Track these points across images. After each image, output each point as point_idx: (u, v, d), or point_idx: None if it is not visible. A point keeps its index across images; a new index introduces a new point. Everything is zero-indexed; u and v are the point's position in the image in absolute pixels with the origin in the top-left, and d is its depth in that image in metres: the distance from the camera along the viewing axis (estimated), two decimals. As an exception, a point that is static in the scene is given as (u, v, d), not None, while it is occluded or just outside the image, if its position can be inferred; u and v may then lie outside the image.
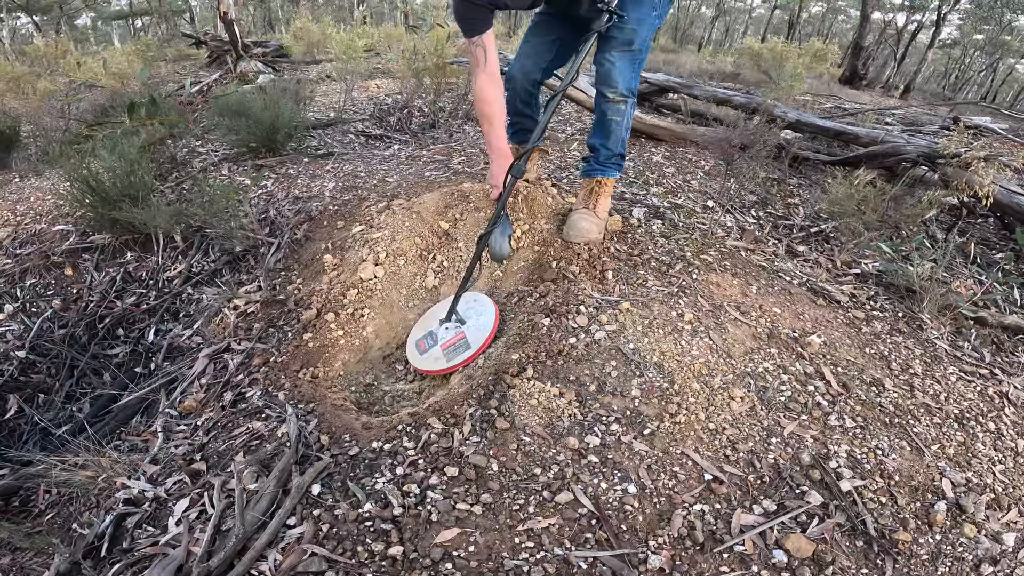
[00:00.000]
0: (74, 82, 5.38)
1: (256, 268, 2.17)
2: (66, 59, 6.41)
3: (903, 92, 13.57)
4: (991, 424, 1.64)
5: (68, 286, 2.45)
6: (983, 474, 1.46)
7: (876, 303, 2.12)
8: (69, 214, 2.65)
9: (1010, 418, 1.68)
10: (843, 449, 1.44)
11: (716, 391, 1.54)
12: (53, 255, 2.50)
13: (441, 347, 1.72)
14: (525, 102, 2.10)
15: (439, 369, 1.69)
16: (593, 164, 2.03)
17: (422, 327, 1.82)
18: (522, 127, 2.18)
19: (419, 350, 1.76)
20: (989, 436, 1.59)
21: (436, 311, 1.86)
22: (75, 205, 2.51)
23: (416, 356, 1.75)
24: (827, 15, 31.46)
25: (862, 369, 1.73)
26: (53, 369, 2.21)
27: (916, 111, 6.65)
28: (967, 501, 1.36)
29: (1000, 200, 2.69)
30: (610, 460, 1.35)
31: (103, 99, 4.10)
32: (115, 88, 4.66)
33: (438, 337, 1.76)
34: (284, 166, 2.95)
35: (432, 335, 1.77)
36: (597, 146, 2.00)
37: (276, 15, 21.17)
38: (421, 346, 1.76)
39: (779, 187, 2.94)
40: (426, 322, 1.83)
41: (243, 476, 1.30)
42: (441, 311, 1.82)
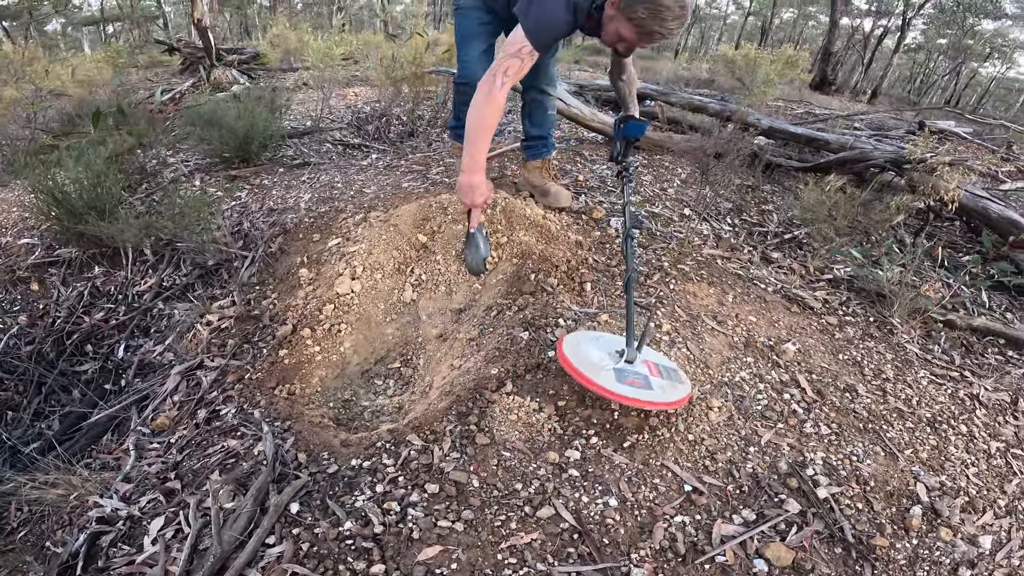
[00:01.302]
0: (41, 90, 5.24)
1: (229, 282, 2.13)
2: (33, 66, 6.24)
3: (871, 97, 13.95)
4: (963, 427, 1.67)
5: (34, 301, 2.38)
6: (957, 477, 1.48)
7: (848, 308, 2.16)
8: (35, 227, 2.57)
9: (981, 420, 1.72)
10: (819, 456, 1.46)
11: (694, 402, 1.55)
12: (19, 269, 2.43)
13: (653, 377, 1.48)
14: None
15: (671, 401, 1.45)
16: (541, 148, 2.39)
17: (600, 363, 1.50)
18: None
19: (631, 385, 1.44)
20: (961, 439, 1.63)
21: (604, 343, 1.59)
22: (41, 218, 2.44)
23: (636, 391, 1.43)
24: (798, 21, 32.22)
25: (836, 375, 1.76)
26: (20, 386, 2.15)
27: (883, 116, 6.83)
28: (942, 505, 1.39)
29: (965, 204, 2.77)
30: (591, 474, 1.34)
31: (70, 107, 4.00)
32: (83, 96, 4.55)
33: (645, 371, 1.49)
34: (259, 176, 2.90)
35: (636, 373, 1.48)
36: (545, 134, 2.37)
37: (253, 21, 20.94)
38: (633, 383, 1.44)
39: (753, 194, 2.99)
40: (597, 357, 1.52)
41: (219, 495, 1.28)
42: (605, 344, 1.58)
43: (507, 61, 1.63)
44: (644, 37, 1.59)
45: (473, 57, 2.06)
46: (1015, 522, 1.40)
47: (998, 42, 24.35)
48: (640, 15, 1.54)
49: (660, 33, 1.57)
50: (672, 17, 1.54)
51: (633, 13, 1.54)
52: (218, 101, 3.43)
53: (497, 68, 1.62)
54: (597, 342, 1.57)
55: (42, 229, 2.52)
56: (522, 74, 1.67)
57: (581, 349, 1.52)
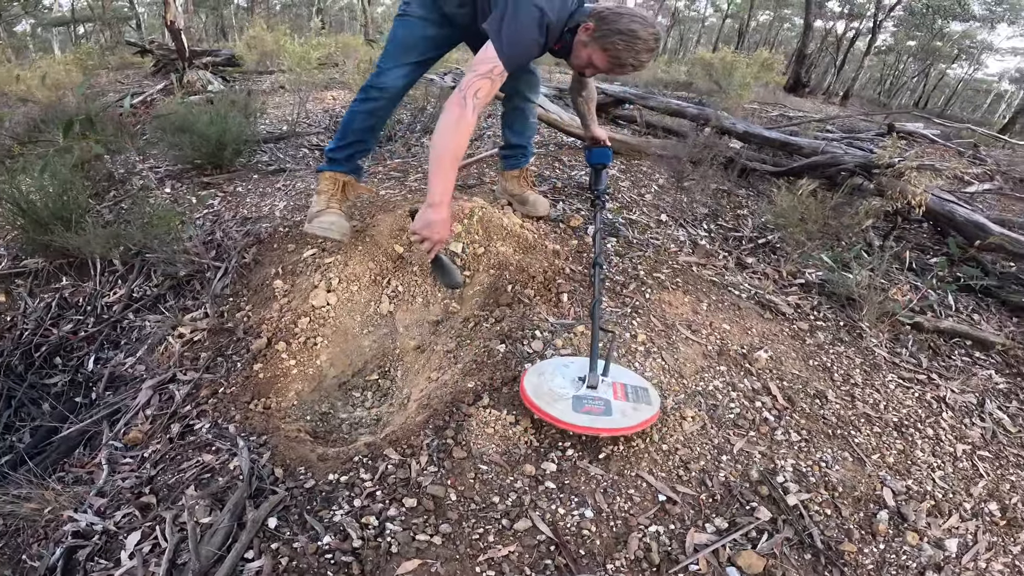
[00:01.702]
0: (7, 95, 5.10)
1: (202, 293, 2.10)
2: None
3: (843, 98, 14.27)
4: (929, 430, 1.70)
5: (1, 313, 2.32)
6: (923, 481, 1.51)
7: (819, 313, 2.20)
8: (0, 237, 2.50)
9: (948, 423, 1.75)
10: (789, 463, 1.49)
11: (668, 412, 1.57)
12: (-17, 281, 2.36)
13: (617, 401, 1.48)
14: (385, 121, 2.06)
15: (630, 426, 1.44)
16: (520, 158, 2.36)
17: (555, 391, 1.50)
18: (364, 150, 2.09)
19: (587, 413, 1.44)
20: (928, 442, 1.66)
21: (564, 371, 1.58)
22: (6, 228, 2.38)
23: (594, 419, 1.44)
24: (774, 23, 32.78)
25: (806, 382, 1.79)
26: (-11, 400, 2.09)
27: (855, 119, 6.98)
28: (908, 509, 1.41)
29: (932, 208, 2.84)
30: (567, 486, 1.36)
31: (37, 113, 3.89)
32: (51, 101, 4.42)
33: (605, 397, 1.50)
34: (232, 183, 2.85)
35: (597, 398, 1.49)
36: (525, 144, 2.34)
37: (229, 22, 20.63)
38: (591, 410, 1.45)
39: (729, 199, 3.03)
40: (559, 385, 1.52)
41: (195, 510, 1.28)
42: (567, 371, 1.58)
43: (478, 82, 1.54)
44: (616, 67, 1.61)
45: (401, 68, 1.90)
46: (981, 524, 1.43)
47: (965, 44, 25.05)
48: (616, 46, 1.56)
49: (632, 64, 1.59)
50: (645, 50, 1.57)
51: (609, 43, 1.56)
52: (190, 105, 3.36)
53: (467, 89, 1.52)
54: (565, 370, 1.58)
55: (8, 239, 2.46)
56: (491, 96, 1.61)
57: (545, 379, 1.53)
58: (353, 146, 2.02)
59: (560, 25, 1.64)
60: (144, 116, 3.91)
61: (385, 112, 2.00)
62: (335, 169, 2.05)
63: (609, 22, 1.57)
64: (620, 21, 1.56)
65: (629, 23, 1.56)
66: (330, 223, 1.95)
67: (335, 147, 2.04)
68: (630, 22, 1.56)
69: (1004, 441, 1.73)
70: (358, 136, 2.00)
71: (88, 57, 7.12)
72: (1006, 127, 10.79)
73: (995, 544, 1.39)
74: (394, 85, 1.92)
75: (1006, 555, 1.38)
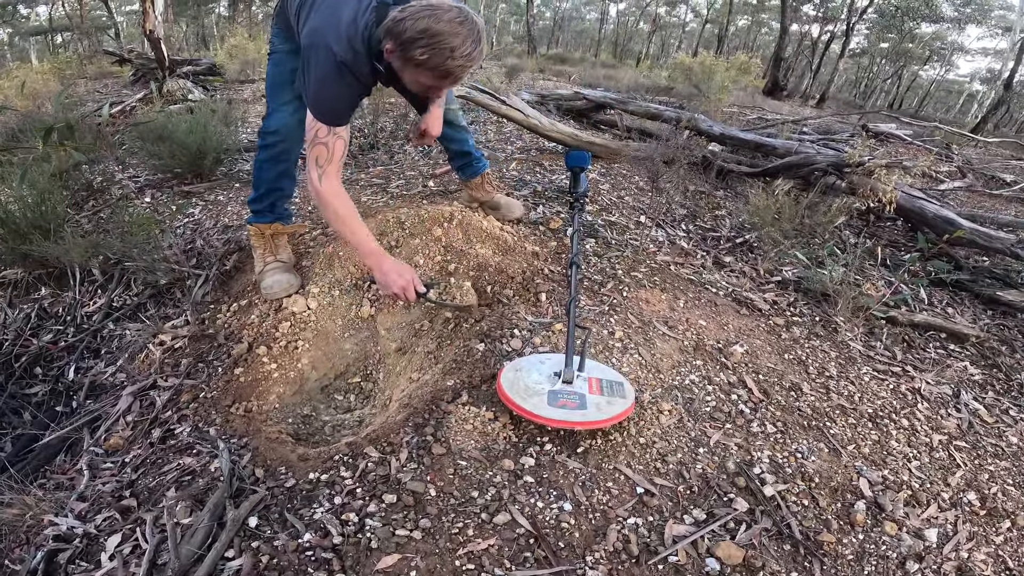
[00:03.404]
0: (-17, 103, 5.03)
1: (183, 301, 2.09)
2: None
3: (819, 101, 14.54)
4: (904, 421, 1.73)
5: (-20, 325, 2.29)
6: (899, 471, 1.53)
7: (795, 308, 2.25)
8: (-24, 247, 2.48)
9: (923, 414, 1.78)
10: (766, 455, 1.51)
11: (645, 406, 1.59)
12: (-40, 292, 2.34)
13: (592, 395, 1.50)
14: (294, 162, 1.96)
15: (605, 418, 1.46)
16: (475, 165, 2.34)
17: (531, 387, 1.52)
18: (284, 195, 2.02)
19: (562, 407, 1.47)
20: (903, 433, 1.68)
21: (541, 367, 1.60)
22: (-16, 238, 2.35)
23: (565, 412, 1.46)
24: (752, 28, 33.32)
25: (782, 375, 1.82)
26: (-32, 410, 2.07)
27: (830, 120, 7.12)
28: (885, 499, 1.43)
29: (903, 204, 2.92)
30: (545, 479, 1.37)
31: (15, 121, 3.85)
32: (28, 110, 4.39)
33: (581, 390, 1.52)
34: (213, 192, 2.85)
35: (571, 392, 1.51)
36: (469, 149, 2.30)
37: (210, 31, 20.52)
38: (566, 403, 1.47)
39: (707, 200, 3.09)
40: (535, 380, 1.54)
41: (176, 511, 1.28)
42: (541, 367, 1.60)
43: (313, 151, 1.50)
44: (443, 77, 1.36)
45: (286, 107, 1.81)
46: (961, 514, 1.45)
47: (936, 45, 25.61)
48: (420, 56, 1.32)
49: (458, 66, 1.34)
50: (459, 44, 1.31)
51: (414, 56, 1.32)
52: (169, 114, 3.36)
53: (310, 163, 1.50)
54: (541, 366, 1.61)
55: (-15, 250, 2.44)
56: (339, 151, 1.52)
57: (521, 375, 1.55)
58: (271, 195, 1.98)
59: (363, 59, 1.45)
60: (123, 125, 3.89)
61: (289, 155, 1.91)
62: (260, 221, 2.01)
63: (399, 33, 1.31)
64: (407, 25, 1.30)
65: (416, 23, 1.29)
66: (271, 284, 1.93)
67: (254, 199, 2.00)
68: (417, 20, 1.29)
69: (981, 431, 1.76)
70: (271, 184, 1.95)
71: (66, 66, 7.07)
72: (978, 126, 11.06)
73: (976, 534, 1.41)
74: (285, 125, 1.83)
75: (988, 545, 1.40)
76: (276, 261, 2.00)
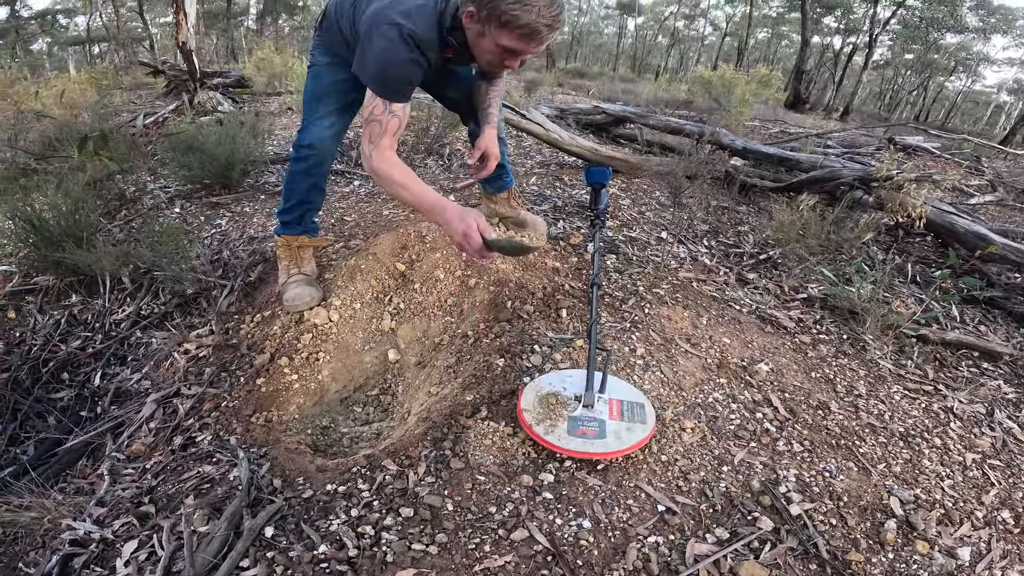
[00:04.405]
0: (23, 112, 5.20)
1: (208, 311, 2.13)
2: (14, 87, 6.21)
3: (842, 114, 14.35)
4: (937, 440, 1.69)
5: (11, 329, 2.35)
6: (931, 490, 1.49)
7: (822, 326, 2.20)
8: (12, 254, 2.55)
9: (956, 432, 1.73)
10: (792, 473, 1.47)
11: (668, 423, 1.57)
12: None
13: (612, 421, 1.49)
14: (325, 176, 1.99)
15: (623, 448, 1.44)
16: (505, 178, 2.26)
17: (553, 412, 1.51)
18: (313, 208, 2.05)
19: (582, 436, 1.45)
20: (936, 452, 1.64)
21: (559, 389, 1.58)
22: (18, 245, 2.42)
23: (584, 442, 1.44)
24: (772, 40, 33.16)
25: (808, 393, 1.78)
26: (-5, 413, 2.12)
27: (855, 133, 7.02)
28: (917, 518, 1.39)
29: (933, 220, 2.85)
30: (564, 496, 1.36)
31: (52, 130, 3.98)
32: (66, 118, 4.52)
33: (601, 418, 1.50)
34: (240, 203, 2.90)
35: (592, 419, 1.49)
36: (502, 162, 2.12)
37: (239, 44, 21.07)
38: (586, 432, 1.46)
39: (729, 215, 3.05)
40: (554, 407, 1.52)
41: (193, 518, 1.29)
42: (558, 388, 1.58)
43: (367, 129, 1.49)
44: (529, 37, 1.36)
45: (323, 120, 1.82)
46: (995, 532, 1.41)
47: (962, 55, 25.19)
48: (512, 10, 1.31)
49: (546, 24, 1.34)
50: (545, 4, 1.32)
51: (502, 13, 1.32)
52: (200, 126, 3.44)
53: (363, 141, 1.50)
54: (562, 384, 1.59)
55: (19, 256, 2.51)
56: (394, 128, 1.49)
57: (541, 399, 1.54)
58: (301, 207, 1.99)
59: (433, 31, 1.46)
60: (155, 135, 3.99)
61: (321, 167, 1.92)
62: (288, 232, 2.03)
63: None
64: None
65: None
66: (293, 296, 1.94)
67: (283, 210, 2.01)
68: None
69: (1015, 450, 1.71)
70: (302, 197, 1.96)
71: (102, 76, 7.29)
72: (1007, 138, 10.81)
73: (1010, 552, 1.37)
74: (320, 138, 1.84)
75: (1022, 563, 1.36)
76: (300, 274, 2.01)
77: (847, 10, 19.36)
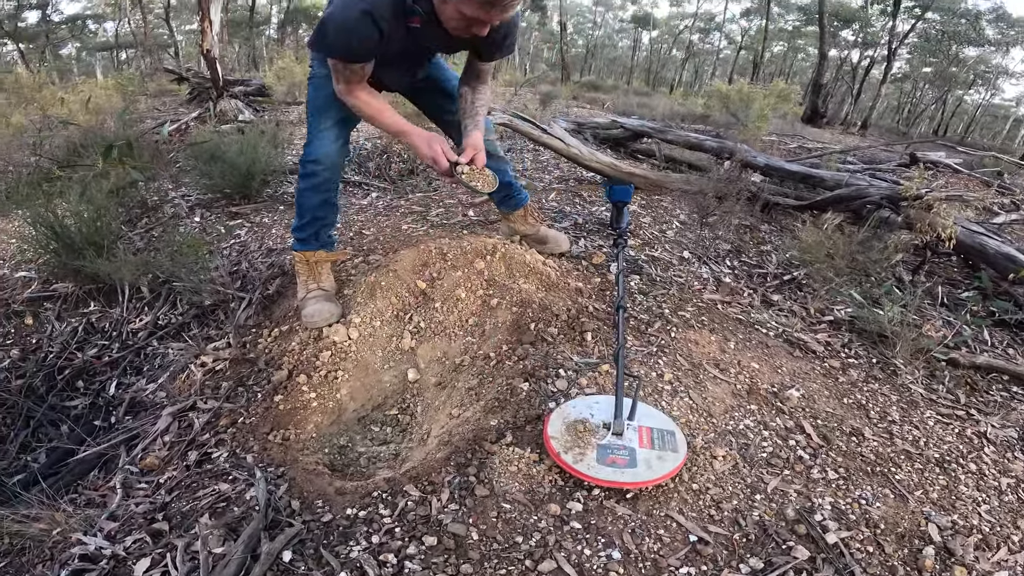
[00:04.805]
0: (48, 117, 5.27)
1: (226, 323, 2.11)
2: (41, 92, 6.30)
3: (861, 128, 14.21)
4: (972, 465, 1.65)
5: (28, 335, 2.35)
6: (968, 515, 1.46)
7: (851, 350, 2.15)
8: (33, 260, 2.56)
9: (990, 457, 1.70)
10: (827, 501, 1.44)
11: (698, 451, 1.52)
12: (14, 303, 2.41)
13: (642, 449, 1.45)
14: (336, 189, 1.97)
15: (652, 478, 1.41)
16: (516, 196, 2.27)
17: (581, 439, 1.47)
18: (328, 223, 2.02)
19: (612, 464, 1.41)
20: (971, 477, 1.61)
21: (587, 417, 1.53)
22: (39, 251, 2.43)
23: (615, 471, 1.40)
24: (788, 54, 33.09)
25: (841, 420, 1.74)
26: (8, 419, 2.10)
27: (875, 149, 6.93)
28: (955, 544, 1.36)
29: (962, 241, 2.77)
30: (593, 526, 1.31)
31: (77, 136, 4.01)
32: (91, 124, 4.55)
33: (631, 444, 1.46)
34: (259, 214, 2.90)
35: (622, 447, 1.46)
36: (509, 180, 2.21)
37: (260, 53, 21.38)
38: (616, 460, 1.42)
39: (751, 234, 3.00)
40: (581, 434, 1.48)
41: (208, 539, 1.25)
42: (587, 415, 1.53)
43: (334, 75, 1.62)
44: (488, 5, 1.34)
45: (327, 132, 1.80)
46: (1031, 555, 1.36)
47: (981, 68, 24.96)
48: None
49: None
50: None
51: None
52: (222, 134, 3.46)
53: (334, 79, 1.62)
54: (589, 410, 1.55)
55: (39, 263, 2.51)
56: (359, 79, 1.59)
57: (569, 426, 1.50)
58: (315, 223, 1.96)
59: (390, 6, 1.43)
60: (179, 143, 4.02)
61: (331, 183, 1.90)
62: (305, 249, 2.00)
63: None
64: None
65: None
66: (312, 312, 1.91)
67: (298, 227, 1.99)
68: None
69: (1049, 474, 1.66)
70: (314, 213, 1.94)
71: (129, 83, 7.39)
72: (1030, 155, 10.64)
73: (1047, 575, 1.33)
74: (326, 152, 1.82)
75: (1057, 585, 1.31)
76: (319, 289, 1.98)
77: (865, 23, 19.29)
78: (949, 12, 17.81)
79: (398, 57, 1.65)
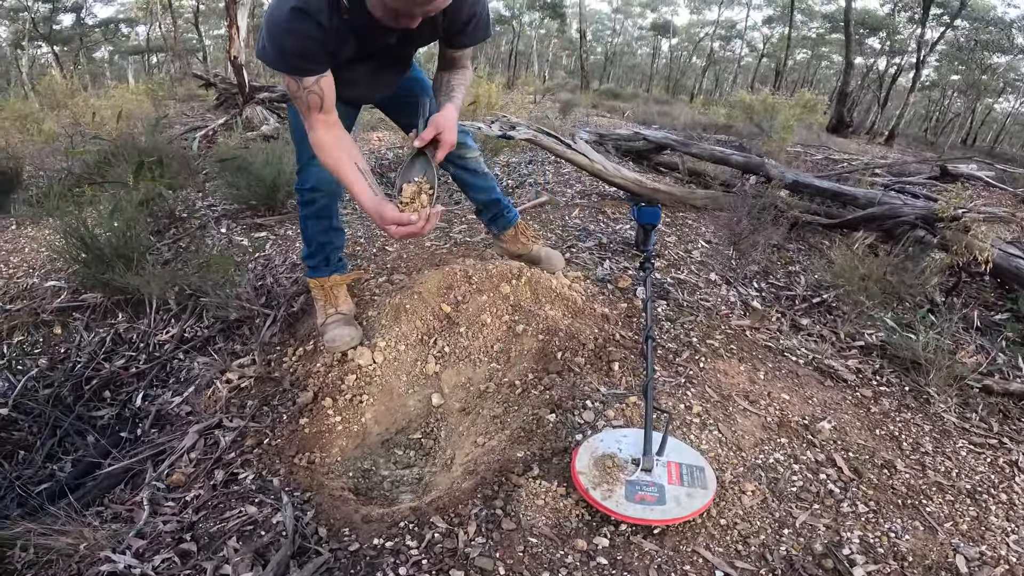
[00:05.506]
0: (79, 126, 5.35)
1: (251, 339, 2.12)
2: (74, 99, 6.42)
3: (887, 138, 13.91)
4: (1003, 495, 1.63)
5: (56, 345, 2.39)
6: (997, 546, 1.44)
7: (882, 377, 2.10)
8: (62, 269, 2.61)
9: (1021, 487, 1.68)
10: (856, 535, 1.41)
11: (727, 486, 1.50)
12: (43, 312, 2.45)
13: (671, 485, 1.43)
14: (338, 213, 1.92)
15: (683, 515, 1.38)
16: (506, 214, 2.17)
17: (610, 475, 1.45)
18: (336, 247, 1.97)
19: (641, 501, 1.39)
20: (1002, 507, 1.58)
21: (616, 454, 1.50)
22: (69, 261, 2.47)
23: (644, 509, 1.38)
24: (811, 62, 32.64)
25: (873, 452, 1.70)
26: (35, 428, 2.13)
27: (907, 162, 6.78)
28: (981, 575, 1.34)
29: (999, 263, 2.70)
30: (619, 561, 1.29)
31: (107, 146, 4.08)
32: (122, 131, 4.59)
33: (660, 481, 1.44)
34: (283, 226, 2.92)
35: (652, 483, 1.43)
36: (497, 197, 2.13)
37: (285, 59, 21.71)
38: (645, 497, 1.40)
39: (779, 254, 2.94)
40: (611, 468, 1.46)
41: (239, 566, 1.25)
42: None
43: (295, 105, 1.46)
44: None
45: (311, 158, 1.62)
46: (1057, 587, 1.34)
47: (1010, 76, 24.35)
48: None
49: None
50: None
51: None
52: (247, 140, 3.49)
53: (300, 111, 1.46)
54: (617, 444, 1.53)
55: (68, 272, 2.55)
56: (316, 104, 1.40)
57: (597, 460, 1.48)
58: (323, 249, 1.93)
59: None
60: (206, 150, 4.06)
61: (330, 208, 1.84)
62: (318, 276, 1.98)
63: None
64: None
65: None
66: (333, 337, 1.89)
67: (307, 255, 1.96)
68: None
69: (1077, 503, 1.61)
70: (320, 239, 1.91)
71: (159, 88, 7.53)
72: (1063, 170, 10.34)
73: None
74: (320, 179, 1.72)
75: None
76: (337, 313, 1.96)
77: (892, 31, 18.97)
78: (980, 20, 17.42)
79: (360, 63, 1.52)
